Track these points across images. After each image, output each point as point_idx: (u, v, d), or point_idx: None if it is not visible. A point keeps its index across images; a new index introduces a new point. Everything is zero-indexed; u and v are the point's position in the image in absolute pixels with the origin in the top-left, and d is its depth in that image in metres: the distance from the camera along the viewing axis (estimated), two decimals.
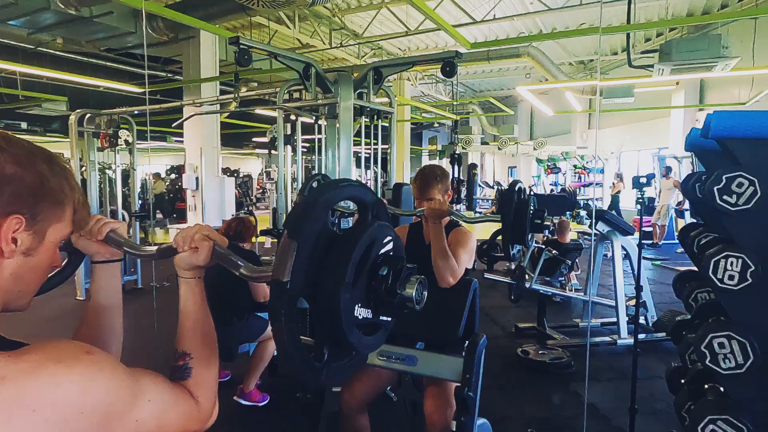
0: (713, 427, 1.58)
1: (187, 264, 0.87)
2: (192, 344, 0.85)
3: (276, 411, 3.08)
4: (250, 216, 3.82)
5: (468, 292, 2.14)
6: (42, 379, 0.58)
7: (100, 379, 0.63)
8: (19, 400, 0.57)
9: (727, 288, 1.56)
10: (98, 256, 0.99)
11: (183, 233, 0.89)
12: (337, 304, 0.77)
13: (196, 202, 8.47)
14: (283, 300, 0.74)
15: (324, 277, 0.79)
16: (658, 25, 8.96)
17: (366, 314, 0.84)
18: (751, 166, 1.54)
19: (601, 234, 4.38)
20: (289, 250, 0.75)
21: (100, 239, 0.97)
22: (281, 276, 0.73)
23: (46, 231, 0.73)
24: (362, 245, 0.82)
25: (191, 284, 0.89)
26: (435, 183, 2.18)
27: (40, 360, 0.60)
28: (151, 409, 0.71)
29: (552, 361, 3.68)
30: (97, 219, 0.97)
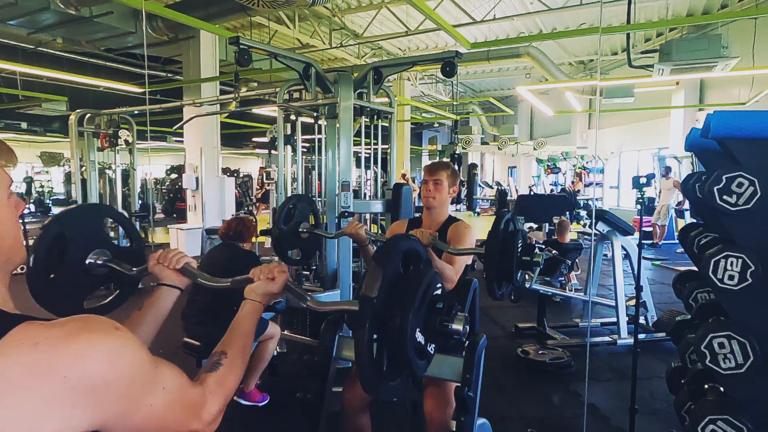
0: (713, 427, 1.58)
1: (262, 290, 1.09)
2: (231, 348, 0.95)
3: (276, 411, 3.08)
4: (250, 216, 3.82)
5: (468, 292, 2.14)
6: (74, 348, 0.61)
7: (127, 355, 0.66)
8: (51, 366, 0.59)
9: (727, 288, 1.56)
10: (167, 281, 1.17)
11: (262, 267, 1.13)
12: (405, 324, 0.98)
13: (196, 202, 8.47)
14: (369, 312, 0.94)
15: (397, 301, 1.01)
16: (658, 25, 8.96)
17: (421, 339, 1.03)
18: (751, 166, 1.54)
19: (601, 234, 4.38)
20: (378, 275, 0.98)
21: (177, 268, 1.18)
22: (371, 293, 0.95)
23: None
24: (426, 282, 1.06)
25: (256, 307, 1.08)
26: (445, 169, 2.25)
27: (73, 329, 0.63)
28: (164, 398, 0.73)
29: (552, 361, 3.68)
30: (176, 252, 1.19)
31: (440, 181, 2.22)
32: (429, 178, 2.24)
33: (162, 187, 17.09)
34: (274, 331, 3.15)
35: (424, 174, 2.30)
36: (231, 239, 3.12)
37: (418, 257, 1.17)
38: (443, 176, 2.22)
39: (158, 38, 7.90)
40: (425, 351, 1.06)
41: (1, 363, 0.58)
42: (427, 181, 2.25)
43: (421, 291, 1.02)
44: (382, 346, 1.01)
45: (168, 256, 1.18)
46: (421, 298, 1.02)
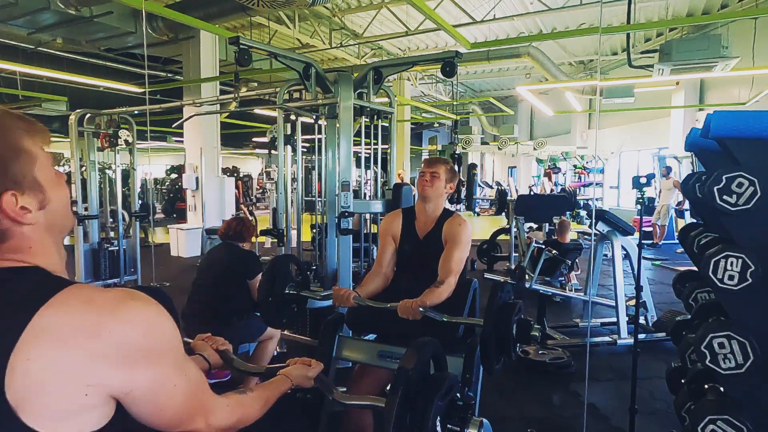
0: (713, 427, 1.58)
1: (299, 373, 1.23)
2: (256, 393, 1.08)
3: (276, 411, 3.07)
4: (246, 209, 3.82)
5: (468, 292, 2.14)
6: (119, 312, 0.69)
7: (165, 328, 0.74)
8: (99, 325, 0.67)
9: (727, 288, 1.56)
10: (205, 354, 1.27)
11: (300, 359, 1.28)
12: (430, 407, 1.14)
13: (196, 202, 8.47)
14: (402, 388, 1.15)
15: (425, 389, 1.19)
16: (658, 25, 8.96)
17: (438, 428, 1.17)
18: (751, 166, 1.54)
19: (601, 234, 4.38)
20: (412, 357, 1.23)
21: (217, 349, 1.30)
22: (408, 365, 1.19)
23: (36, 178, 0.75)
24: (449, 381, 1.24)
25: (286, 383, 1.20)
26: (444, 163, 2.26)
27: (122, 296, 0.71)
28: (186, 385, 0.78)
29: (552, 361, 3.68)
30: (222, 342, 1.32)
31: (437, 174, 2.22)
32: (427, 169, 2.25)
33: (162, 187, 17.10)
34: (274, 331, 3.15)
35: (423, 165, 2.30)
36: (231, 239, 3.12)
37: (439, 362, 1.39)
38: (441, 170, 2.23)
39: (158, 38, 7.90)
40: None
41: (55, 315, 0.65)
42: (424, 172, 2.25)
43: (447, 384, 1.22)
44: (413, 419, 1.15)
45: (214, 338, 1.33)
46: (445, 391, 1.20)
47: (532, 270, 4.45)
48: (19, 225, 0.73)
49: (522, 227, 6.36)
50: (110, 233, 5.70)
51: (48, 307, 0.65)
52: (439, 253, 2.12)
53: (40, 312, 0.64)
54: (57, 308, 0.65)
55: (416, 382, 1.18)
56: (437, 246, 2.15)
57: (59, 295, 0.67)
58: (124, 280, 5.36)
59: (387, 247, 2.26)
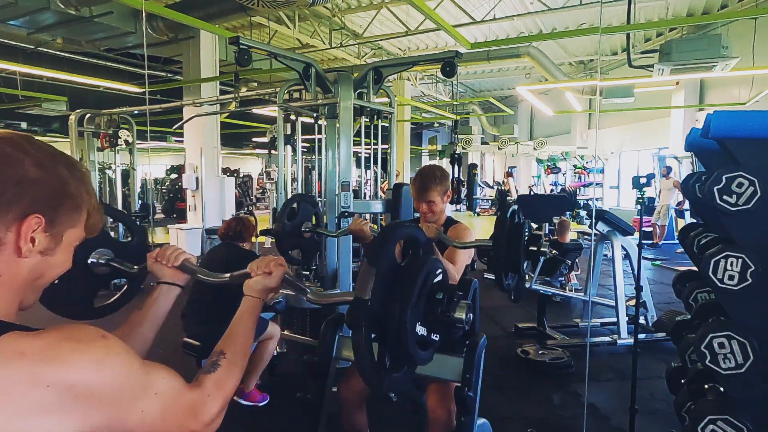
0: (713, 427, 1.58)
1: (260, 285, 1.06)
2: (231, 348, 0.94)
3: (276, 411, 3.08)
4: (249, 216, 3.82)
5: (468, 292, 2.14)
6: (59, 358, 0.62)
7: (113, 364, 0.67)
8: (35, 376, 0.60)
9: (727, 288, 1.56)
10: (166, 279, 1.15)
11: (258, 261, 1.09)
12: (404, 321, 0.94)
13: (196, 202, 8.46)
14: (364, 315, 0.91)
15: (394, 298, 0.96)
16: (658, 25, 8.96)
17: (423, 332, 1.01)
18: (751, 166, 1.54)
19: (601, 234, 4.38)
20: (371, 275, 0.93)
21: (175, 265, 1.15)
22: (363, 294, 0.92)
23: (62, 234, 0.75)
24: (423, 274, 1.01)
25: (255, 302, 1.05)
26: (434, 185, 2.19)
27: (58, 339, 0.64)
28: (158, 403, 0.73)
29: (552, 361, 3.68)
30: (174, 248, 1.16)
31: (433, 201, 2.18)
32: (422, 201, 2.19)
33: (162, 187, 17.10)
34: (274, 331, 3.15)
35: (414, 192, 2.23)
36: (231, 239, 3.12)
37: (416, 244, 1.11)
38: (434, 194, 2.17)
39: (158, 38, 7.90)
40: (428, 340, 1.04)
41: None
42: (420, 202, 2.20)
43: (418, 283, 0.98)
44: (383, 343, 0.99)
45: (166, 254, 1.16)
46: (419, 290, 0.98)
47: (532, 270, 4.45)
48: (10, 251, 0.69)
49: None
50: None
51: None
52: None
53: None
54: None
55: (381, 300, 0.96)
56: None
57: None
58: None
59: None
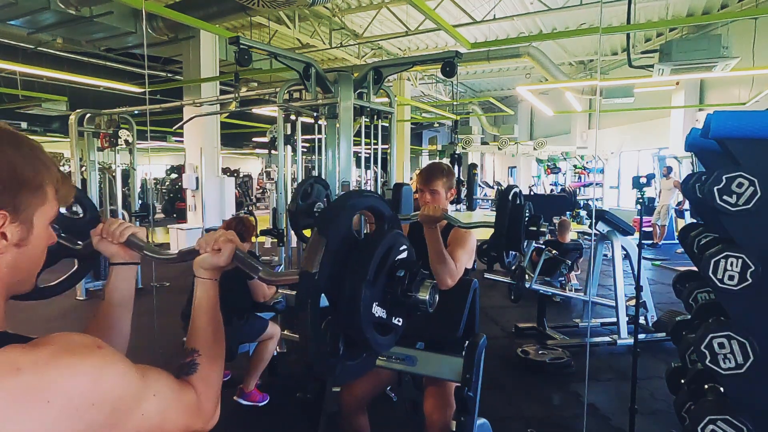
0: (713, 427, 1.58)
1: (208, 264, 0.94)
2: (202, 342, 0.88)
3: (276, 411, 3.08)
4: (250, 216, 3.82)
5: (468, 292, 2.14)
6: (56, 371, 0.60)
7: (111, 373, 0.65)
8: (34, 391, 0.58)
9: (727, 288, 1.56)
10: (117, 258, 1.03)
11: (207, 236, 0.97)
12: (357, 299, 0.82)
13: (196, 202, 8.46)
14: (310, 290, 0.80)
15: (347, 273, 0.84)
16: (658, 25, 8.96)
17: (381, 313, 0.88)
18: (751, 166, 1.54)
19: (601, 234, 4.38)
20: (319, 246, 0.81)
21: (121, 242, 1.02)
22: (310, 268, 0.80)
23: (32, 218, 0.72)
24: (383, 248, 0.89)
25: (207, 285, 0.94)
26: (440, 176, 2.21)
27: (54, 352, 0.61)
28: (157, 404, 0.72)
29: (552, 361, 3.68)
30: (120, 223, 1.03)
31: (437, 191, 2.19)
32: (425, 187, 2.20)
33: (162, 187, 17.10)
34: (274, 331, 3.15)
35: (419, 181, 2.24)
36: None
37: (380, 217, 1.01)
38: (439, 185, 2.18)
39: (158, 38, 7.90)
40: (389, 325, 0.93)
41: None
42: (423, 191, 2.21)
43: (376, 257, 0.87)
44: (335, 325, 0.89)
45: (110, 230, 1.02)
46: (378, 266, 0.87)
47: (532, 270, 4.45)
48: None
49: None
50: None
51: None
52: None
53: None
54: None
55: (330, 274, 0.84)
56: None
57: None
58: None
59: None
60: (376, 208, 1.00)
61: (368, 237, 0.95)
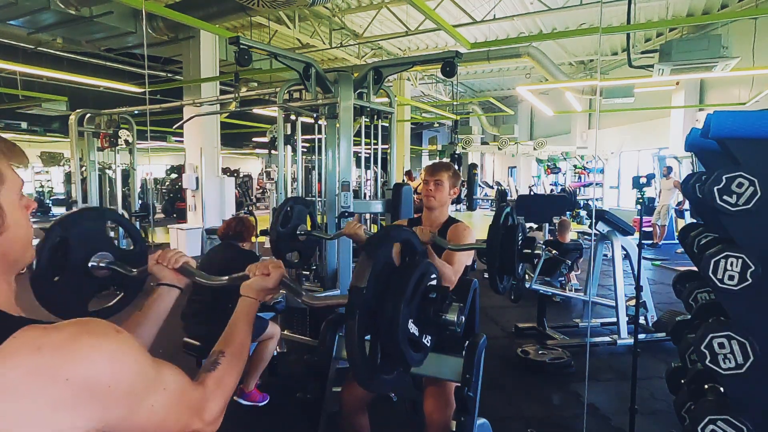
0: (713, 427, 1.58)
1: (258, 285, 1.08)
2: (230, 348, 0.95)
3: (276, 411, 3.08)
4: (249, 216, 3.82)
5: (468, 292, 2.14)
6: (76, 351, 0.62)
7: (128, 357, 0.67)
8: (54, 370, 0.60)
9: (727, 288, 1.56)
10: (166, 280, 1.17)
11: (258, 263, 1.13)
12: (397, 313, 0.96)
13: (196, 202, 8.46)
14: (359, 302, 0.93)
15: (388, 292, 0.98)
16: (658, 25, 8.96)
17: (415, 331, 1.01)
18: (751, 166, 1.54)
19: (601, 234, 4.38)
20: (368, 266, 0.96)
21: (176, 268, 1.18)
22: (360, 283, 0.94)
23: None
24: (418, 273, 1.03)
25: (251, 303, 1.07)
26: (447, 170, 2.25)
27: (75, 333, 0.63)
28: (165, 398, 0.73)
29: (552, 361, 3.68)
30: (176, 252, 1.19)
31: (441, 182, 2.22)
32: (430, 178, 2.24)
33: (162, 187, 17.10)
34: (274, 331, 3.15)
35: (425, 174, 2.29)
36: (230, 239, 3.12)
37: (413, 249, 1.15)
38: (444, 177, 2.22)
39: (158, 38, 7.90)
40: (420, 343, 1.04)
41: (3, 367, 0.58)
42: (427, 181, 2.25)
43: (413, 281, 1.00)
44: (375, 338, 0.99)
45: (167, 256, 1.18)
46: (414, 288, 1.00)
47: (532, 270, 4.45)
48: None
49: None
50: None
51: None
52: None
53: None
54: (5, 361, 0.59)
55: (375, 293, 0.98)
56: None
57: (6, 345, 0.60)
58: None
59: None
60: (411, 242, 1.16)
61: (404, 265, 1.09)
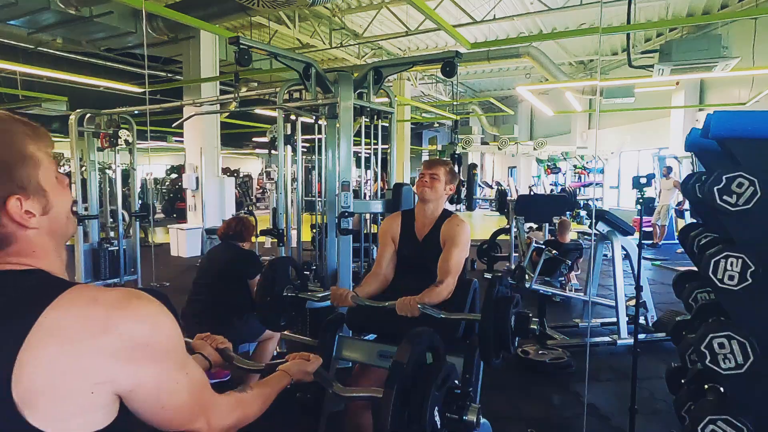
0: (713, 427, 1.58)
1: (298, 368, 1.23)
2: (257, 390, 1.07)
3: (276, 411, 3.07)
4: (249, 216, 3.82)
5: (468, 292, 2.14)
6: (127, 309, 0.70)
7: (167, 325, 0.75)
8: (108, 320, 0.68)
9: (727, 288, 1.56)
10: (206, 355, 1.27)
11: (299, 354, 1.29)
12: (427, 397, 1.13)
13: (196, 202, 8.47)
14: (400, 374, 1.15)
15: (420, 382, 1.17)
16: (658, 25, 8.96)
17: (437, 419, 1.15)
18: (751, 166, 1.54)
19: (601, 234, 4.38)
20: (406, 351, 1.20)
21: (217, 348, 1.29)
22: (403, 360, 1.18)
23: (40, 183, 0.76)
24: (446, 370, 1.23)
25: (286, 380, 1.20)
26: (444, 165, 2.25)
27: (126, 294, 0.72)
28: (188, 382, 0.79)
29: (552, 361, 3.68)
30: (222, 341, 1.31)
31: (437, 176, 2.21)
32: (426, 171, 2.24)
33: (162, 187, 17.10)
34: (274, 332, 3.15)
35: (422, 167, 2.29)
36: (230, 239, 3.12)
37: (438, 351, 1.33)
38: (440, 171, 2.22)
39: (158, 38, 7.90)
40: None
41: (58, 313, 0.66)
42: (423, 174, 2.25)
43: (443, 372, 1.20)
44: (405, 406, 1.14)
45: (214, 337, 1.32)
46: (442, 379, 1.18)
47: (532, 270, 4.45)
48: (23, 229, 0.74)
49: (522, 227, 6.36)
50: (110, 233, 5.70)
51: (54, 307, 0.66)
52: (437, 254, 2.11)
53: (46, 312, 0.65)
54: (63, 308, 0.67)
55: (411, 373, 1.17)
56: (436, 247, 2.15)
57: (64, 295, 0.68)
58: (124, 280, 5.35)
59: (386, 248, 2.27)
60: (435, 347, 1.32)
61: (433, 364, 1.28)
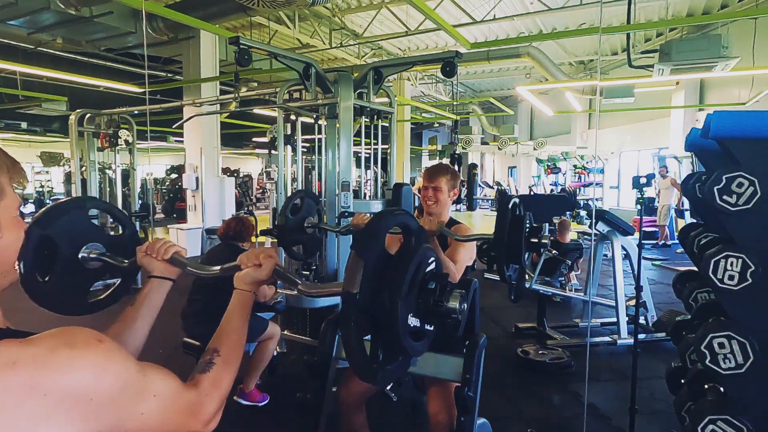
0: (713, 427, 1.58)
1: (250, 278, 1.02)
2: (224, 345, 0.92)
3: (276, 411, 3.08)
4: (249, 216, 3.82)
5: (468, 292, 2.14)
6: (54, 365, 0.59)
7: (111, 368, 0.64)
8: (31, 385, 0.57)
9: (727, 288, 1.56)
10: (156, 273, 1.11)
11: (248, 253, 1.06)
12: (395, 313, 0.92)
13: (196, 202, 8.47)
14: (353, 309, 0.89)
15: (384, 290, 0.93)
16: (658, 25, 8.95)
17: (416, 323, 0.98)
18: (751, 166, 1.54)
19: (601, 234, 4.38)
20: (358, 267, 0.90)
21: (165, 259, 1.11)
22: (352, 288, 0.89)
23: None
24: (414, 264, 0.97)
25: (245, 297, 1.02)
26: (444, 173, 2.24)
27: (53, 346, 0.61)
28: (157, 405, 0.71)
29: (552, 361, 3.68)
30: (164, 242, 1.13)
31: (439, 188, 2.21)
32: (428, 184, 2.23)
33: (162, 187, 17.10)
34: (274, 331, 3.15)
35: (423, 179, 2.29)
36: (230, 239, 3.12)
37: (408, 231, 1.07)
38: (442, 182, 2.21)
39: (158, 38, 7.90)
40: (421, 331, 1.01)
41: None
42: (426, 187, 2.24)
43: (409, 274, 0.95)
44: (376, 337, 0.97)
45: (155, 247, 1.12)
46: (411, 280, 0.95)
47: (532, 270, 4.45)
48: None
49: None
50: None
51: None
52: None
53: None
54: None
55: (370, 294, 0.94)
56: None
57: None
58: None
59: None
60: (404, 224, 1.06)
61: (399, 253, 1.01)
